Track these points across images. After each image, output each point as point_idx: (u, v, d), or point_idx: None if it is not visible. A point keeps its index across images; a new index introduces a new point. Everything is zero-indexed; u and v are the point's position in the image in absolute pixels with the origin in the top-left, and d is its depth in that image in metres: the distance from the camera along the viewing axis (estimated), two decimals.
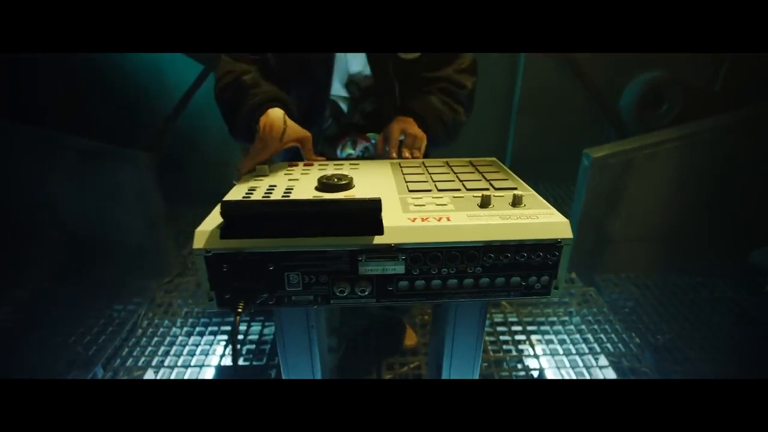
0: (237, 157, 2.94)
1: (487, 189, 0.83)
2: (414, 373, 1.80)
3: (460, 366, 0.94)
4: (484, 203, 0.74)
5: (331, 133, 1.35)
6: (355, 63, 1.24)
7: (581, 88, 3.00)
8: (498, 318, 2.12)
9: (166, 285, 2.35)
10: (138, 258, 2.34)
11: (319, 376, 0.95)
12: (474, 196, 0.78)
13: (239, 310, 0.67)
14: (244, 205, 0.69)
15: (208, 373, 1.79)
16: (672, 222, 2.30)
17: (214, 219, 0.69)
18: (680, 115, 2.81)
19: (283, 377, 0.94)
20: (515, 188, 0.83)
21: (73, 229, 2.27)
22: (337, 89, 1.27)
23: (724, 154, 2.22)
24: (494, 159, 1.07)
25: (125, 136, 2.38)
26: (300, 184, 0.88)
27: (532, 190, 0.82)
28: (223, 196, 0.79)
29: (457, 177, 0.91)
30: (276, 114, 1.02)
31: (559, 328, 2.04)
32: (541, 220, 0.69)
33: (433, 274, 0.69)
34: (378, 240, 0.65)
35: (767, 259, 2.13)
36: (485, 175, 0.92)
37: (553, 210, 0.72)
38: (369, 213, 0.65)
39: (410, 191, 0.83)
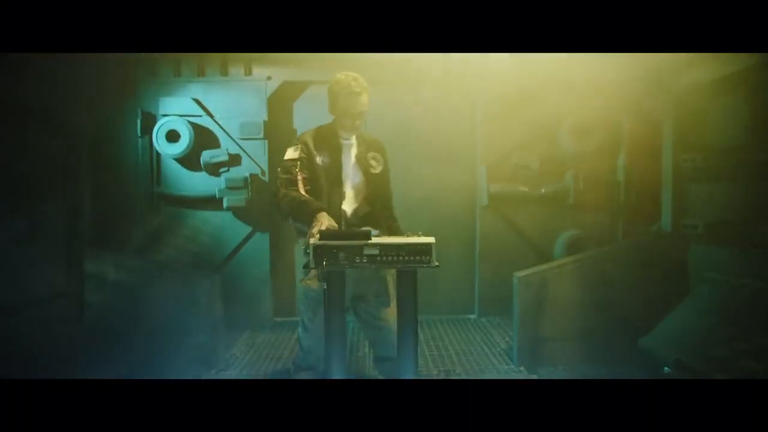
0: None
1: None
2: None
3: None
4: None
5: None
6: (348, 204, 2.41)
7: (525, 242, 4.23)
8: None
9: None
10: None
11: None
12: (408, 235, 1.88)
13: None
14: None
15: None
16: (578, 321, 3.21)
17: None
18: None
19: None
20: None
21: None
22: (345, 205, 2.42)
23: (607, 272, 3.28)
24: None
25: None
26: None
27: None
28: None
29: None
30: (324, 214, 2.15)
31: None
32: (426, 240, 1.77)
33: (391, 256, 1.74)
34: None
35: (650, 344, 2.97)
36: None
37: (432, 238, 1.80)
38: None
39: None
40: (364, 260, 1.76)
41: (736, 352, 2.59)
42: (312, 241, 1.82)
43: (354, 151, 2.44)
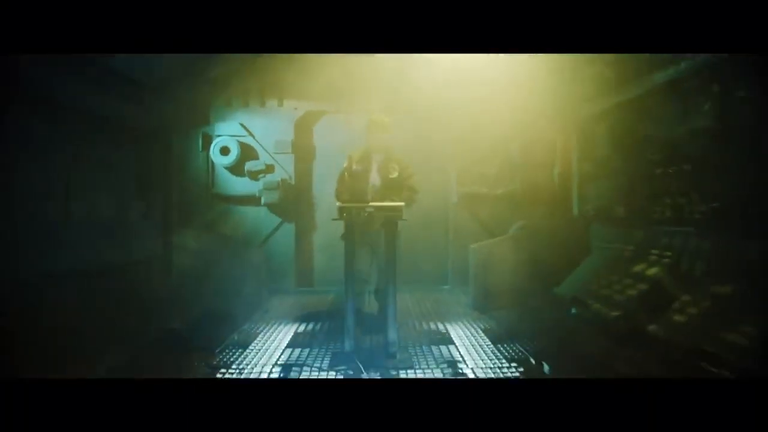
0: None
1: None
2: None
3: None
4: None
5: None
6: None
7: (485, 230, 5.66)
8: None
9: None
10: None
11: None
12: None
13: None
14: None
15: None
16: (514, 278, 4.62)
17: None
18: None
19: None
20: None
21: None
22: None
23: (535, 244, 4.70)
24: None
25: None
26: None
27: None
28: None
29: None
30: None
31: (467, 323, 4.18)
32: (399, 204, 3.21)
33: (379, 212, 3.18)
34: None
35: (561, 290, 4.37)
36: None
37: (402, 203, 3.24)
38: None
39: None
40: (365, 214, 3.20)
41: (613, 290, 3.96)
42: (338, 204, 3.26)
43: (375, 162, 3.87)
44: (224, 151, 5.49)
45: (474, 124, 5.60)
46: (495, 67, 4.64)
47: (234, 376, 2.85)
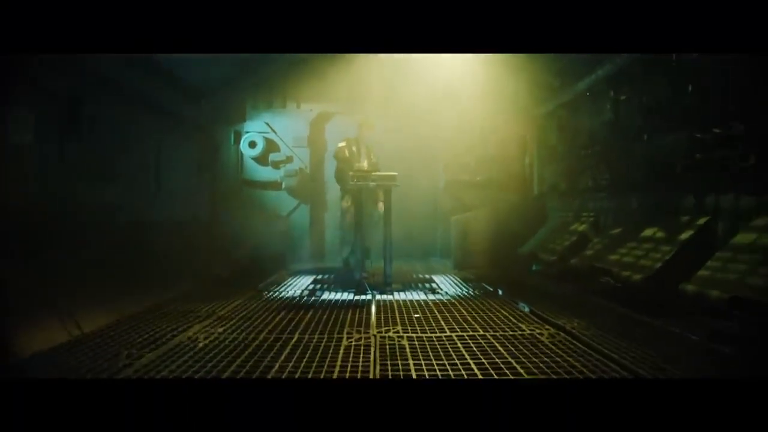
0: None
1: None
2: None
3: None
4: None
5: None
6: None
7: (467, 211, 6.89)
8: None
9: None
10: None
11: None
12: None
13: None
14: None
15: None
16: (486, 242, 5.83)
17: None
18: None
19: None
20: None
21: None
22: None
23: (503, 215, 5.92)
24: None
25: None
26: None
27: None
28: None
29: None
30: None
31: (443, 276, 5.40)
32: (393, 173, 4.45)
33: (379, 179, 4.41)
34: None
35: (523, 249, 5.58)
36: None
37: (395, 172, 4.46)
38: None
39: None
40: (372, 183, 4.43)
41: (556, 244, 5.16)
42: (351, 174, 4.47)
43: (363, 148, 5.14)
44: (252, 144, 6.73)
45: (457, 124, 6.85)
46: (473, 78, 5.87)
47: (274, 295, 4.07)
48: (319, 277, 5.23)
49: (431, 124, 6.95)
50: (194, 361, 2.24)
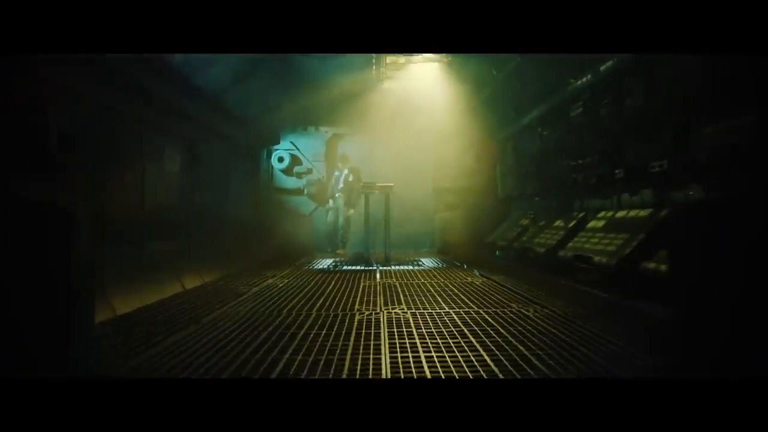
0: None
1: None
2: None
3: None
4: None
5: None
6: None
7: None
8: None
9: None
10: None
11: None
12: None
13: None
14: None
15: None
16: (461, 235, 7.71)
17: None
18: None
19: None
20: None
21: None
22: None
23: (475, 214, 7.82)
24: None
25: None
26: None
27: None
28: None
29: None
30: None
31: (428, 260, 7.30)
32: (390, 183, 6.34)
33: (380, 187, 6.31)
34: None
35: (489, 239, 7.45)
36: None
37: (392, 183, 6.37)
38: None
39: None
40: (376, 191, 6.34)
41: (509, 235, 7.05)
42: (361, 184, 6.38)
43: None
44: (280, 159, 8.65)
45: (443, 141, 8.75)
46: (456, 107, 7.74)
47: (309, 268, 5.94)
48: (337, 259, 7.12)
49: (423, 142, 8.86)
50: (282, 290, 4.12)
